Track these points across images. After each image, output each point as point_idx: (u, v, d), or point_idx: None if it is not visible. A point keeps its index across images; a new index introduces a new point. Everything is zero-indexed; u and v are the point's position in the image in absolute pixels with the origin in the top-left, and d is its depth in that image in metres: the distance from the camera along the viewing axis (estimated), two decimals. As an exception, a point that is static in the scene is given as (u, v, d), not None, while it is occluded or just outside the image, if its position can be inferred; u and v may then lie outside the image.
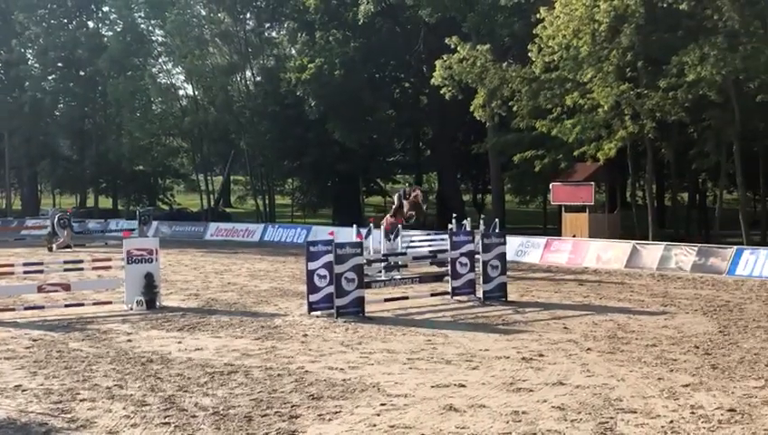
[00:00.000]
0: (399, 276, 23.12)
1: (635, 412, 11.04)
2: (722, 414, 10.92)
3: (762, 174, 37.87)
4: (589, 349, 15.38)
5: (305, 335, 17.06)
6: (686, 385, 12.48)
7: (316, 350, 15.56)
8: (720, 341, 16.04)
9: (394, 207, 28.88)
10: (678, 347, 15.45)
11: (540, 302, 21.55)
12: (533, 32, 33.91)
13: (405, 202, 28.20)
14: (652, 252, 29.66)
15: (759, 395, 11.86)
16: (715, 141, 34.85)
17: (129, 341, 16.69)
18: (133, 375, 13.58)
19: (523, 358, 14.56)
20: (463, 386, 12.54)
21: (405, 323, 18.43)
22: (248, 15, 56.20)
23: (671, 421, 10.62)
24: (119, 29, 59.93)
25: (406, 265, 24.45)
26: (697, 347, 15.41)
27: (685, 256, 28.62)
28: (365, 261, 20.47)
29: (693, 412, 11.03)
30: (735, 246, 28.65)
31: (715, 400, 11.65)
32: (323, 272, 19.28)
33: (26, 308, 20.41)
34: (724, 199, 39.44)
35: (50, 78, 63.52)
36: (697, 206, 46.85)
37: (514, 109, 36.05)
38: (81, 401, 12.03)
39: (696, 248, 28.84)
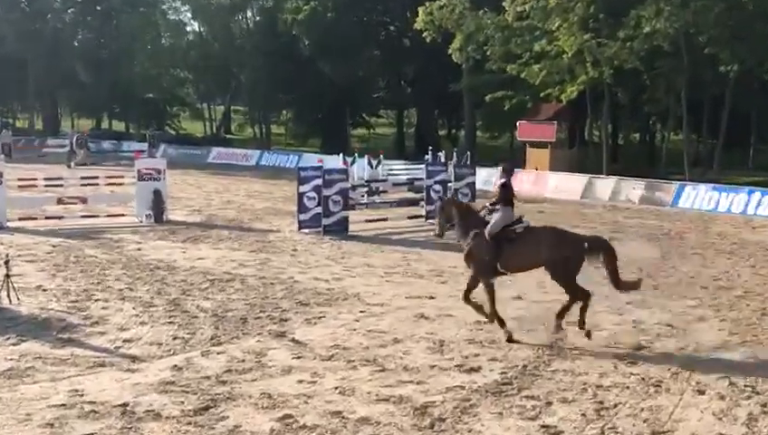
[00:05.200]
0: (380, 200, 23.12)
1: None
2: (660, 328, 11.07)
3: (705, 119, 37.86)
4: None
5: (295, 250, 17.12)
6: (629, 302, 12.62)
7: (304, 262, 15.63)
8: (661, 265, 16.19)
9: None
10: (624, 269, 15.45)
11: (504, 226, 21.56)
12: (508, -18, 33.49)
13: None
14: (605, 185, 29.71)
15: (693, 313, 12.03)
16: (665, 88, 34.68)
17: (139, 249, 16.72)
18: (142, 280, 13.64)
19: (487, 275, 14.63)
20: (433, 298, 12.65)
21: (383, 241, 18.50)
22: (250, -42, 55.00)
23: (614, 333, 10.77)
24: (132, -32, 58.71)
25: (386, 191, 24.39)
26: (641, 269, 15.48)
27: (634, 189, 28.69)
28: (350, 186, 20.46)
29: (634, 326, 11.18)
30: (678, 182, 28.68)
31: (654, 316, 11.81)
32: (312, 194, 19.31)
33: (47, 218, 20.39)
34: (670, 140, 39.39)
35: (69, 11, 62.33)
36: (647, 144, 46.80)
37: (488, 53, 35.70)
38: (95, 300, 12.09)
39: (644, 183, 28.86)
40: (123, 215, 21.13)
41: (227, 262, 15.44)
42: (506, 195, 10.98)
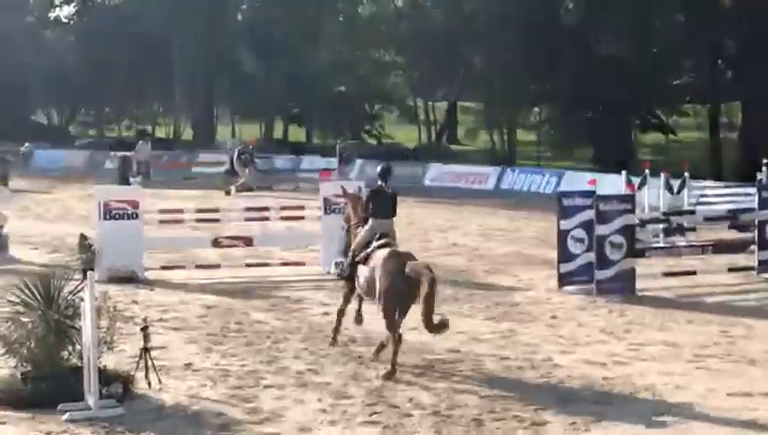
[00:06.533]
0: (685, 243, 22.67)
1: None
2: None
3: None
4: None
5: (554, 317, 17.04)
6: None
7: (568, 337, 15.51)
8: None
9: None
10: None
11: None
12: None
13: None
14: None
15: None
16: None
17: (326, 314, 17.11)
18: (331, 358, 13.99)
19: None
20: (772, 396, 12.24)
21: (691, 306, 18.10)
22: None
23: None
24: None
25: (694, 229, 23.89)
26: None
27: None
28: (638, 221, 20.19)
29: None
30: None
31: None
32: (580, 234, 19.19)
33: (198, 267, 21.35)
34: None
35: (231, -27, 65.31)
36: None
37: None
38: (265, 387, 12.51)
39: None
40: (303, 263, 21.81)
41: (453, 334, 15.50)
42: (374, 206, 13.62)
